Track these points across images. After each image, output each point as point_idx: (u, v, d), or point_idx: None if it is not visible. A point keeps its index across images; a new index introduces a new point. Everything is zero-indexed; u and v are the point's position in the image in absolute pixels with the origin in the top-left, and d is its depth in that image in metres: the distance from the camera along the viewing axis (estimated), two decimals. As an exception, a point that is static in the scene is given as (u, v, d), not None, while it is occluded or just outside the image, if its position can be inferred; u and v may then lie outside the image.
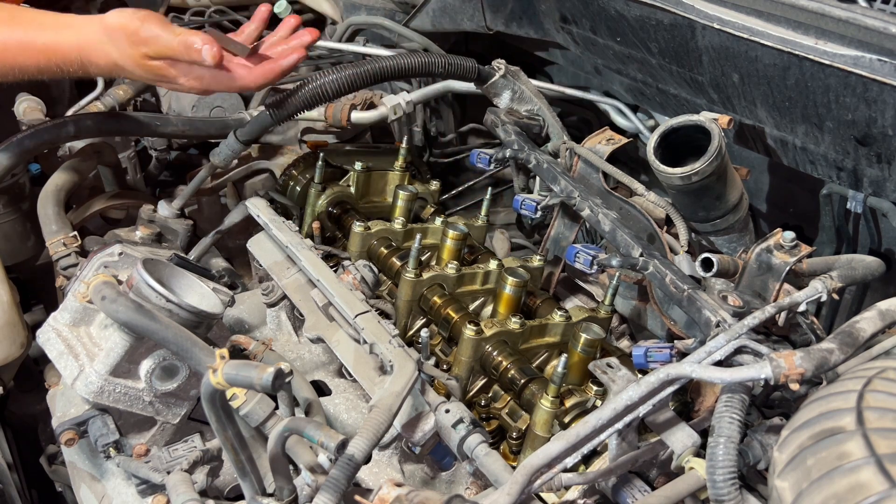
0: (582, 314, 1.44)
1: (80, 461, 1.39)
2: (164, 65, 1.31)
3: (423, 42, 2.15)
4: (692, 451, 1.10)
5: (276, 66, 1.35)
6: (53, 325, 1.33)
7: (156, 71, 1.32)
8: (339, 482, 0.99)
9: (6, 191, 1.98)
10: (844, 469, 0.80)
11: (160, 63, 1.30)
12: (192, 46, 1.26)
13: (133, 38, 1.29)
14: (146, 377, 1.26)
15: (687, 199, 1.42)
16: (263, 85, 1.37)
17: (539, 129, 1.72)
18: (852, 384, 0.89)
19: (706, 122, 1.34)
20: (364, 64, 1.50)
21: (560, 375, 1.21)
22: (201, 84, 1.34)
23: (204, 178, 1.78)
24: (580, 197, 1.50)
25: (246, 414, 1.13)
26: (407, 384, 1.19)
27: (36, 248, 2.04)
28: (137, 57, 1.30)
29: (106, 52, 1.31)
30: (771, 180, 1.82)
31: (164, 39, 1.27)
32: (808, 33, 1.29)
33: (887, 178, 1.38)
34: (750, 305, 1.21)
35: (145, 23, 1.28)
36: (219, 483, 1.33)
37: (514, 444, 1.32)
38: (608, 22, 1.65)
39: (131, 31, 1.28)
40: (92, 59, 1.32)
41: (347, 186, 1.79)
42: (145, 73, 1.32)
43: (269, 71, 1.35)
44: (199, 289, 1.36)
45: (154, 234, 1.72)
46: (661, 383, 1.04)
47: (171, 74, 1.32)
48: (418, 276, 1.46)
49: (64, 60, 1.32)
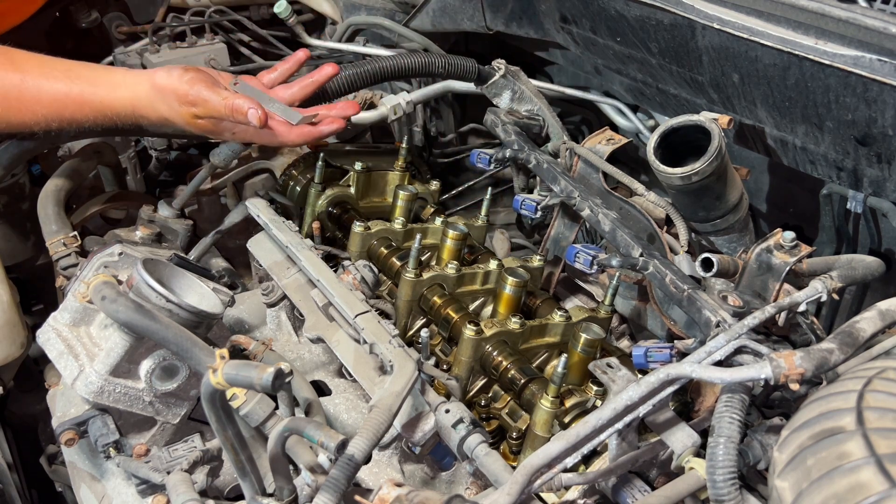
0: (582, 314, 1.44)
1: (80, 461, 1.39)
2: (210, 123, 1.41)
3: (423, 42, 2.15)
4: (692, 451, 1.10)
5: (315, 131, 1.44)
6: (53, 325, 1.33)
7: (203, 128, 1.42)
8: (339, 482, 0.99)
9: (6, 191, 1.98)
10: (844, 469, 0.80)
11: (207, 121, 1.40)
12: (238, 110, 1.35)
13: (183, 100, 1.38)
14: (146, 377, 1.26)
15: (687, 199, 1.42)
16: (301, 144, 1.48)
17: (539, 129, 1.72)
18: (852, 384, 0.89)
19: (706, 122, 1.34)
20: (364, 64, 1.50)
21: (560, 375, 1.21)
22: (245, 138, 1.45)
23: (204, 178, 1.78)
24: (580, 197, 1.50)
25: (246, 414, 1.13)
26: (407, 384, 1.19)
27: (36, 248, 2.04)
28: (187, 116, 1.39)
29: (157, 109, 1.40)
30: (771, 180, 1.82)
31: (212, 103, 1.36)
32: (808, 33, 1.29)
33: (887, 178, 1.38)
34: (750, 305, 1.21)
35: (194, 86, 1.37)
36: (219, 483, 1.33)
37: (514, 444, 1.32)
38: (608, 22, 1.65)
39: (182, 94, 1.37)
40: (144, 114, 1.41)
41: (347, 186, 1.79)
42: (193, 129, 1.42)
43: (309, 133, 1.44)
44: (199, 289, 1.36)
45: (154, 234, 1.72)
46: (661, 383, 1.04)
47: (216, 131, 1.43)
48: (418, 276, 1.46)
49: (118, 116, 1.42)
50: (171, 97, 1.38)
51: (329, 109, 1.48)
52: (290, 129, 1.42)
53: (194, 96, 1.36)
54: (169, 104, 1.38)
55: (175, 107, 1.38)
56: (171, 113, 1.39)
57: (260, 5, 2.44)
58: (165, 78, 1.38)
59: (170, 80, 1.38)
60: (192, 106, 1.37)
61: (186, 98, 1.37)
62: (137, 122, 1.43)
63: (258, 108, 1.35)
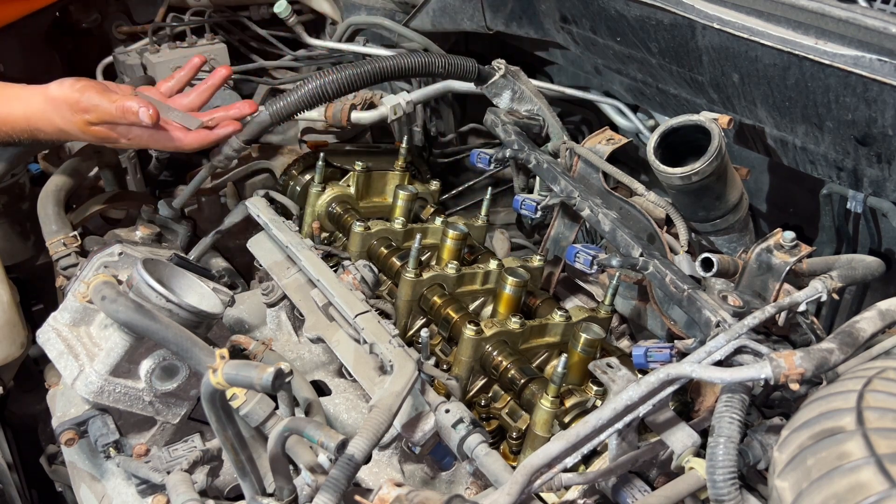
0: (582, 314, 1.44)
1: (80, 461, 1.39)
2: (105, 129, 1.44)
3: (423, 42, 2.15)
4: (692, 451, 1.10)
5: (212, 134, 1.51)
6: (53, 325, 1.33)
7: (98, 135, 1.46)
8: (339, 482, 0.99)
9: (6, 191, 1.98)
10: (844, 469, 0.80)
11: (101, 128, 1.44)
12: (129, 110, 1.40)
13: (75, 108, 1.42)
14: (146, 377, 1.26)
15: (687, 199, 1.42)
16: (198, 148, 1.52)
17: (539, 129, 1.72)
18: (852, 384, 0.89)
19: (706, 122, 1.34)
20: (364, 64, 1.50)
21: (560, 375, 1.21)
22: (141, 143, 1.49)
23: (204, 178, 1.77)
24: (580, 197, 1.50)
25: (246, 414, 1.13)
26: (407, 384, 1.19)
27: (36, 248, 2.04)
28: (80, 123, 1.43)
29: (51, 121, 1.45)
30: (771, 180, 1.81)
31: (103, 107, 1.41)
32: (808, 33, 1.29)
33: (887, 178, 1.38)
34: (750, 305, 1.21)
35: (85, 93, 1.42)
36: (219, 483, 1.33)
37: (514, 444, 1.32)
38: (608, 22, 1.65)
39: (73, 102, 1.42)
40: (39, 127, 1.46)
41: (347, 186, 1.79)
42: (89, 137, 1.47)
43: (206, 137, 1.50)
44: (199, 289, 1.36)
45: (154, 234, 1.72)
46: (661, 383, 1.04)
47: (112, 137, 1.46)
48: (418, 276, 1.46)
49: (13, 129, 1.48)
50: (63, 107, 1.42)
51: (227, 111, 1.54)
52: (186, 133, 1.48)
53: (86, 103, 1.41)
54: (62, 115, 1.43)
55: (68, 116, 1.42)
56: (65, 123, 1.43)
57: (260, 5, 2.44)
58: (57, 89, 1.43)
59: (61, 90, 1.42)
60: (84, 113, 1.41)
61: (78, 105, 1.41)
62: (34, 135, 1.47)
63: (148, 106, 1.39)
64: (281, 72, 2.40)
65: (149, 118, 1.39)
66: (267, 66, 2.35)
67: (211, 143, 1.51)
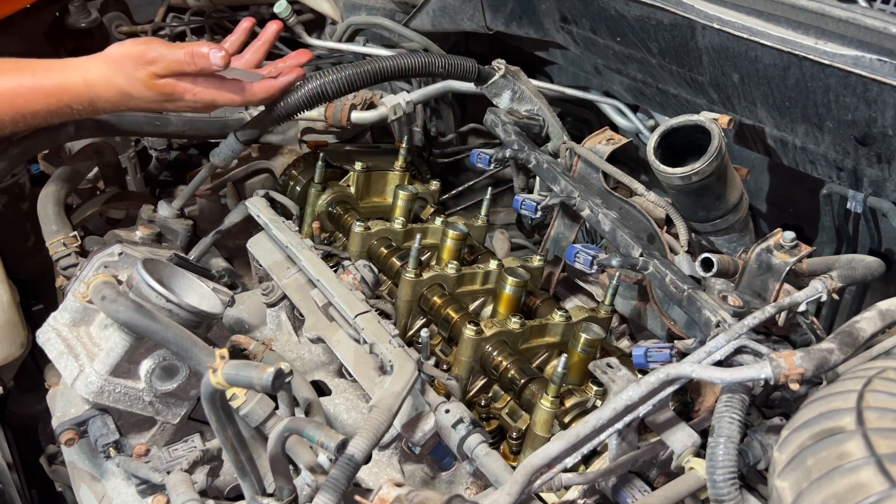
0: (582, 314, 1.44)
1: (80, 461, 1.39)
2: (172, 81, 1.37)
3: (423, 42, 2.15)
4: (692, 451, 1.10)
5: (276, 83, 1.45)
6: (53, 325, 1.33)
7: (164, 89, 1.38)
8: (339, 482, 0.99)
9: (6, 191, 1.98)
10: (844, 469, 0.80)
11: (168, 80, 1.37)
12: (198, 53, 1.34)
13: (139, 61, 1.35)
14: (146, 377, 1.26)
15: (687, 199, 1.42)
16: (265, 99, 1.46)
17: (539, 129, 1.72)
18: (852, 384, 0.89)
19: (706, 122, 1.34)
20: (364, 64, 1.50)
21: (560, 375, 1.21)
22: (208, 97, 1.41)
23: (204, 178, 1.78)
24: (580, 197, 1.50)
25: (246, 414, 1.13)
26: (407, 384, 1.19)
27: (36, 248, 2.04)
28: (146, 78, 1.36)
29: (113, 83, 1.38)
30: (771, 180, 1.81)
31: (171, 56, 1.35)
32: (808, 33, 1.29)
33: (887, 178, 1.38)
34: (750, 305, 1.21)
35: (150, 45, 1.36)
36: (219, 483, 1.33)
37: (514, 444, 1.32)
38: (608, 22, 1.65)
39: (137, 55, 1.35)
40: (100, 93, 1.39)
41: (347, 186, 1.79)
42: (154, 93, 1.39)
43: (271, 86, 1.45)
44: (199, 289, 1.36)
45: (154, 234, 1.72)
46: (661, 383, 1.04)
47: (178, 91, 1.39)
48: (418, 276, 1.46)
49: (73, 99, 1.39)
50: (127, 64, 1.36)
51: (285, 60, 1.51)
52: (251, 85, 1.43)
53: (152, 53, 1.34)
54: (125, 73, 1.36)
55: (132, 73, 1.36)
56: (128, 82, 1.37)
57: (260, 5, 2.44)
58: (118, 48, 1.37)
59: (123, 48, 1.37)
60: (150, 65, 1.35)
61: (144, 58, 1.35)
62: (93, 102, 1.40)
63: (220, 49, 1.33)
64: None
65: (221, 60, 1.33)
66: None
67: (278, 90, 1.45)
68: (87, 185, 2.10)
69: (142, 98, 1.40)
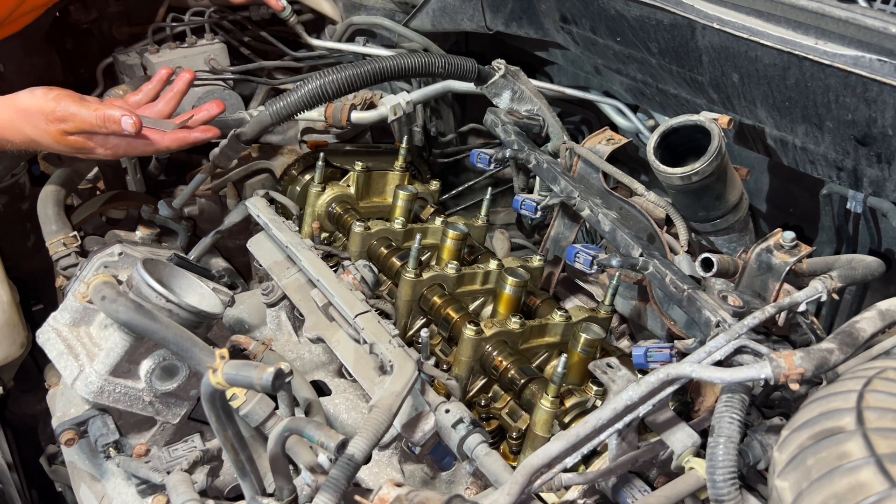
0: (582, 314, 1.44)
1: (80, 461, 1.39)
2: (82, 139, 1.38)
3: (423, 42, 2.15)
4: (692, 451, 1.10)
5: (189, 136, 1.47)
6: (53, 325, 1.33)
7: (74, 144, 1.39)
8: (339, 482, 0.99)
9: (6, 191, 1.98)
10: (844, 469, 0.80)
11: (78, 137, 1.38)
12: (111, 119, 1.34)
13: (50, 117, 1.36)
14: (146, 377, 1.26)
15: (687, 199, 1.42)
16: (176, 149, 1.48)
17: (539, 129, 1.72)
18: (852, 384, 0.89)
19: (706, 122, 1.34)
20: (364, 64, 1.50)
21: (560, 375, 1.21)
22: (120, 150, 1.43)
23: (204, 178, 1.78)
24: (580, 197, 1.50)
25: (246, 414, 1.13)
26: (407, 384, 1.19)
27: (36, 248, 2.04)
28: (55, 133, 1.37)
29: (20, 131, 1.38)
30: (771, 180, 1.81)
31: (82, 115, 1.35)
32: (808, 33, 1.29)
33: (887, 178, 1.38)
34: (750, 305, 1.21)
35: (60, 101, 1.35)
36: (219, 483, 1.33)
37: (514, 444, 1.32)
38: (608, 22, 1.65)
39: (48, 112, 1.35)
40: (8, 137, 1.40)
41: (347, 186, 1.79)
42: (63, 146, 1.40)
43: (183, 139, 1.47)
44: (199, 289, 1.36)
45: (154, 234, 1.72)
46: (661, 383, 1.04)
47: (89, 146, 1.40)
48: (418, 276, 1.46)
49: None
50: (36, 117, 1.36)
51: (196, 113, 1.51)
52: (163, 135, 1.44)
53: (62, 112, 1.35)
54: (34, 124, 1.36)
55: (42, 126, 1.36)
56: (37, 133, 1.38)
57: (260, 5, 2.44)
58: (28, 98, 1.37)
59: (33, 99, 1.37)
60: (60, 122, 1.36)
61: (54, 115, 1.35)
62: (1, 146, 1.42)
63: (131, 114, 1.34)
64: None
65: (132, 126, 1.34)
66: (267, 66, 2.35)
67: (189, 144, 1.48)
68: (87, 185, 2.10)
69: (51, 148, 1.42)
